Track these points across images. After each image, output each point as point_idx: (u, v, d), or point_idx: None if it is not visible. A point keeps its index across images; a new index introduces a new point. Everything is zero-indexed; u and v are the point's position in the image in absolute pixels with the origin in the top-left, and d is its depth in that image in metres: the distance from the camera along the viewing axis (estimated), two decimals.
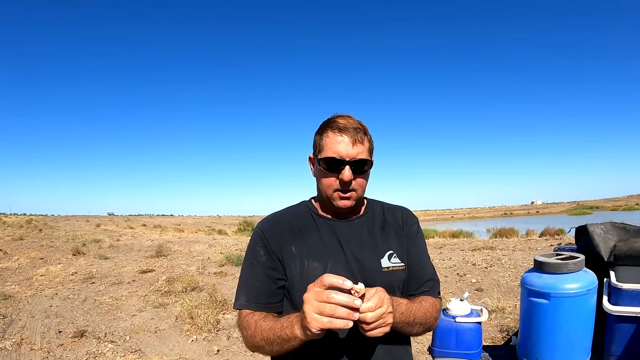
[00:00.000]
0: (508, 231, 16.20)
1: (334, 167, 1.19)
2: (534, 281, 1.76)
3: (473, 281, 7.11)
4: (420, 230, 1.37)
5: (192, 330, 5.07)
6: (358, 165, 1.20)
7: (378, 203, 1.41)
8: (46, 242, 17.58)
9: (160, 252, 12.80)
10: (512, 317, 5.05)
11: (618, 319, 1.79)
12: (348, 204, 1.23)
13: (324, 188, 1.23)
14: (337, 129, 1.21)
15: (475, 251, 10.71)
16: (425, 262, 1.32)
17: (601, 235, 2.22)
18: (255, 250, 1.26)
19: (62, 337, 4.91)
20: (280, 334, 1.03)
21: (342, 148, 1.18)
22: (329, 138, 1.21)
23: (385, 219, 1.34)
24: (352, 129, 1.20)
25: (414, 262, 1.30)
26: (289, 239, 1.25)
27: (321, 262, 1.21)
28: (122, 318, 5.78)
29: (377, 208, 1.37)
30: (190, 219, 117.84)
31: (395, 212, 1.37)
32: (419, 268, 1.29)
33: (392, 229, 1.32)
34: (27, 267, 10.50)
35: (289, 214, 1.33)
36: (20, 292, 7.42)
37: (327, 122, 1.26)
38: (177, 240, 18.92)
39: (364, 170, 1.23)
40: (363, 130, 1.23)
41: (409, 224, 1.34)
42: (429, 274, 1.31)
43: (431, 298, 1.26)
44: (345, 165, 1.18)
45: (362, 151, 1.21)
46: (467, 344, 1.78)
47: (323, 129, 1.24)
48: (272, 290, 1.22)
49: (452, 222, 56.10)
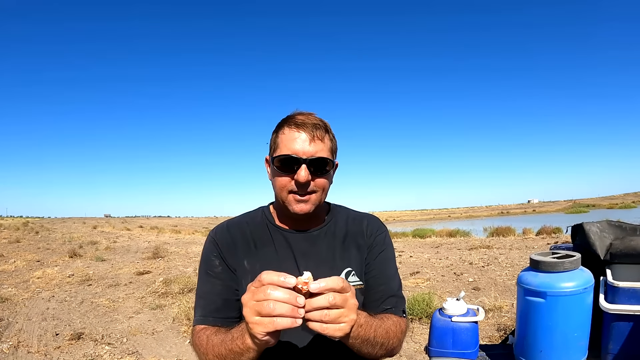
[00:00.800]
0: (505, 230, 16.25)
1: (289, 167, 1.07)
2: (530, 280, 1.76)
3: (470, 280, 7.13)
4: (387, 240, 1.24)
5: (189, 332, 5.05)
6: (317, 164, 1.08)
7: (343, 211, 1.28)
8: (43, 245, 17.50)
9: (157, 254, 12.76)
10: (509, 316, 5.06)
11: (615, 317, 1.79)
12: (305, 208, 1.10)
13: (278, 190, 1.11)
14: (293, 125, 1.09)
15: (472, 250, 10.74)
16: (389, 277, 1.19)
17: (597, 233, 2.22)
18: (209, 260, 1.15)
19: (59, 339, 4.88)
20: (232, 346, 0.89)
21: (298, 145, 1.07)
22: (285, 135, 1.10)
23: (348, 231, 1.22)
24: (311, 125, 1.08)
25: (375, 275, 1.18)
26: (242, 252, 1.15)
27: None
28: (119, 320, 5.76)
29: (340, 217, 1.25)
30: (187, 220, 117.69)
31: (360, 222, 1.25)
32: (380, 283, 1.17)
33: (354, 242, 1.20)
34: (24, 269, 10.45)
35: (243, 222, 1.22)
36: (17, 294, 7.38)
37: (284, 118, 1.15)
38: (174, 241, 18.87)
39: (325, 170, 1.10)
40: (324, 128, 1.11)
41: (373, 235, 1.22)
42: (392, 289, 1.18)
43: (394, 316, 1.12)
44: (301, 164, 1.06)
45: (321, 149, 1.08)
46: (464, 343, 1.77)
47: (280, 126, 1.13)
48: (230, 303, 1.12)
49: (449, 221, 56.24)
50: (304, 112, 1.14)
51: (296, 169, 1.07)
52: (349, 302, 0.80)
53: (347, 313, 0.79)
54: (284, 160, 1.08)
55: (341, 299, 0.78)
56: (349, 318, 0.80)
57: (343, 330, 0.79)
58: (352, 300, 0.81)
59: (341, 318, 0.78)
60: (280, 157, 1.08)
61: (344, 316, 0.79)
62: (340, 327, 0.79)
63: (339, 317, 0.78)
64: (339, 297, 0.77)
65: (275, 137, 1.14)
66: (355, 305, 0.82)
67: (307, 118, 1.11)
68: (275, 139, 1.13)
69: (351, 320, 0.80)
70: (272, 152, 1.14)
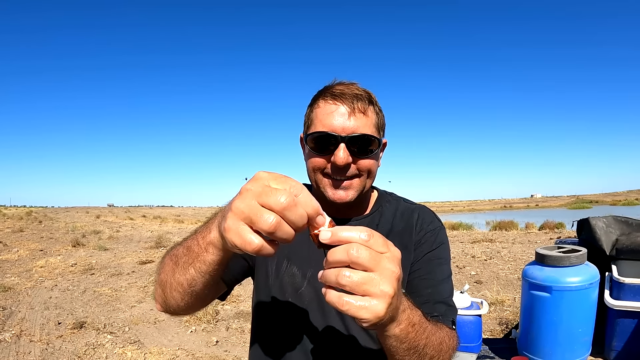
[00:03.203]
0: (508, 224, 16.25)
1: (325, 146, 0.88)
2: (535, 274, 1.75)
3: (472, 273, 7.12)
4: (440, 237, 1.00)
5: (191, 322, 5.07)
6: (359, 142, 0.87)
7: (393, 201, 1.07)
8: (46, 234, 17.57)
9: (160, 243, 12.79)
10: (511, 310, 5.05)
11: (619, 314, 1.78)
12: (344, 196, 0.90)
13: (311, 172, 0.93)
14: (330, 97, 0.90)
15: (474, 243, 10.71)
16: (438, 280, 0.94)
17: (603, 228, 2.21)
18: None
19: (62, 328, 4.91)
20: (191, 243, 0.71)
21: (336, 120, 0.87)
22: (320, 108, 0.91)
23: (394, 226, 1.00)
24: (351, 95, 0.89)
25: (421, 275, 0.94)
26: None
27: (300, 270, 0.96)
28: (121, 309, 5.78)
29: (388, 209, 1.04)
30: (190, 209, 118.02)
31: (410, 215, 1.02)
32: (427, 285, 0.93)
33: (400, 240, 0.97)
34: (27, 258, 10.50)
35: None
36: (20, 283, 7.42)
37: (321, 90, 0.95)
38: (176, 231, 18.92)
39: (369, 150, 0.89)
40: (367, 99, 0.90)
41: (424, 230, 0.99)
42: (441, 294, 0.93)
43: (446, 327, 0.85)
44: (339, 144, 0.86)
45: (364, 125, 0.88)
46: (467, 336, 1.77)
47: (315, 99, 0.95)
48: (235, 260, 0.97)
49: (452, 214, 56.20)
50: (345, 82, 0.94)
51: (333, 150, 0.87)
52: (384, 266, 0.52)
53: (380, 281, 0.51)
54: (319, 138, 0.88)
55: (369, 255, 0.51)
56: (382, 290, 0.51)
57: (373, 310, 0.51)
58: (389, 265, 0.53)
59: (369, 287, 0.51)
60: (314, 134, 0.89)
61: (374, 285, 0.51)
62: (369, 303, 0.51)
63: (366, 285, 0.51)
64: (366, 252, 0.51)
65: (309, 112, 0.95)
66: (394, 274, 0.53)
67: (347, 88, 0.91)
68: (309, 114, 0.95)
69: (386, 295, 0.52)
70: (306, 129, 0.95)
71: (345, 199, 0.90)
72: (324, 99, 0.91)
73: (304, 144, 0.95)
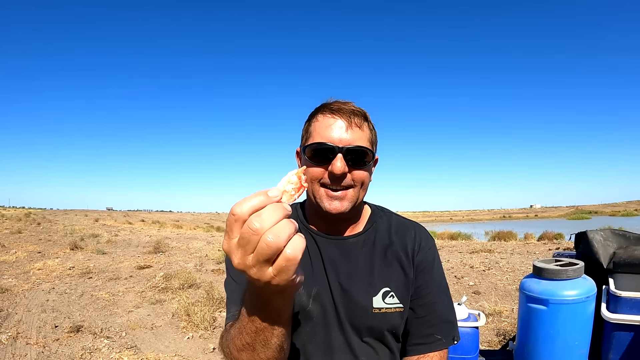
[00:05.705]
0: (506, 234, 16.22)
1: (323, 156, 0.93)
2: (532, 287, 1.76)
3: (470, 284, 7.11)
4: (437, 254, 1.08)
5: (188, 328, 5.06)
6: (354, 154, 0.93)
7: (385, 216, 1.11)
8: (44, 236, 17.54)
9: (158, 248, 12.77)
10: (508, 321, 5.04)
11: (616, 327, 1.79)
12: (340, 207, 0.94)
13: (309, 186, 0.96)
14: (328, 111, 0.97)
15: (473, 254, 10.70)
16: (442, 301, 1.04)
17: (601, 242, 2.23)
18: None
19: (58, 331, 4.89)
20: (249, 325, 0.71)
21: (334, 133, 0.93)
22: (318, 122, 0.97)
23: (391, 242, 1.04)
24: (348, 111, 0.96)
25: (430, 301, 1.02)
26: None
27: (305, 289, 0.96)
28: (118, 314, 5.76)
29: (382, 224, 1.08)
30: (189, 215, 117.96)
31: (406, 233, 1.07)
32: (431, 310, 1.02)
33: (397, 257, 1.02)
34: (25, 260, 10.47)
35: None
36: (17, 285, 7.40)
37: (319, 106, 1.02)
38: (175, 236, 18.90)
39: (364, 162, 0.96)
40: (363, 115, 0.98)
41: (423, 250, 1.04)
42: (444, 314, 1.03)
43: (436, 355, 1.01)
44: (337, 154, 0.92)
45: (359, 138, 0.95)
46: (465, 348, 1.77)
47: (313, 114, 1.01)
48: None
49: (451, 223, 56.21)
50: (341, 100, 1.01)
51: (331, 159, 0.92)
52: None
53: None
54: (318, 149, 0.93)
55: None
56: None
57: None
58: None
59: None
60: (313, 145, 0.94)
61: None
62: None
63: None
64: None
65: (307, 126, 1.01)
66: None
67: (344, 105, 0.98)
68: (307, 127, 1.01)
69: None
70: (304, 141, 1.00)
71: (340, 209, 0.94)
72: (323, 113, 0.98)
73: (301, 157, 1.02)
